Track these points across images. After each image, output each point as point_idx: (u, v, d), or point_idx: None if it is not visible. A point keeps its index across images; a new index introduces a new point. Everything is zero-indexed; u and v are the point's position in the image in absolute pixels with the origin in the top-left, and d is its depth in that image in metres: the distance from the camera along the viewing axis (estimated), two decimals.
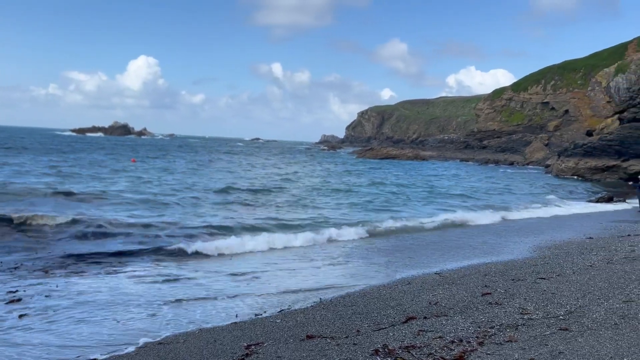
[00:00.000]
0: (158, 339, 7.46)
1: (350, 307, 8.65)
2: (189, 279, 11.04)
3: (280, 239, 15.00)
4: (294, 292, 10.09)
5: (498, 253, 13.97)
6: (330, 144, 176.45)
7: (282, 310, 8.72)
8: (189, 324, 8.15)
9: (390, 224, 18.47)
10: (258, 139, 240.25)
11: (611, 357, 5.30)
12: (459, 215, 21.85)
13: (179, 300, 9.37)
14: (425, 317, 7.66)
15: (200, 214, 19.42)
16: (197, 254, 13.26)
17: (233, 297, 9.70)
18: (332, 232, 16.43)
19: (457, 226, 19.93)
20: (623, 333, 6.09)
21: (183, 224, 17.01)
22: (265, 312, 8.68)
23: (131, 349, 7.08)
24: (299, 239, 15.23)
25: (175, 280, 10.86)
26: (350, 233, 16.54)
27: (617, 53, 76.00)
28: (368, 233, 16.94)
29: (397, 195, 29.70)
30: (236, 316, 8.50)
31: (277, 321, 8.03)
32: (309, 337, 7.04)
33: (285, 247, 14.42)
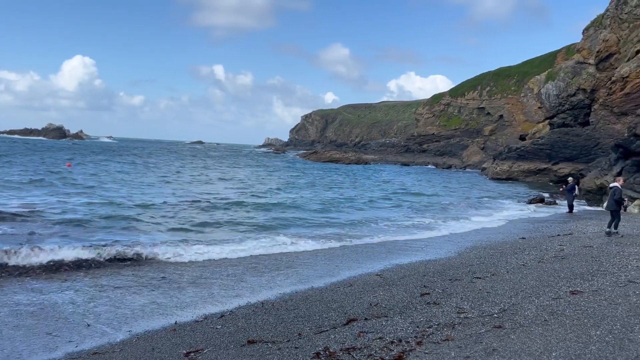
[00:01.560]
0: (92, 348, 7.19)
1: (292, 311, 8.63)
2: (124, 287, 10.70)
3: (227, 248, 14.51)
4: (236, 297, 9.98)
5: (437, 254, 14.32)
6: (274, 147, 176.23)
7: (224, 315, 8.59)
8: (125, 332, 7.90)
9: (340, 232, 18.33)
10: (200, 141, 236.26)
11: (541, 353, 5.53)
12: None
13: (115, 309, 9.07)
14: (366, 319, 7.75)
15: (146, 223, 18.88)
16: (137, 263, 12.76)
17: (173, 304, 9.47)
18: (283, 241, 16.06)
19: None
20: (552, 329, 6.37)
21: (128, 232, 16.46)
22: (206, 318, 8.53)
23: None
24: (247, 248, 14.78)
25: (111, 289, 10.50)
26: (303, 244, 16.04)
27: (547, 61, 79.94)
28: (322, 243, 16.53)
29: (350, 202, 29.80)
30: (175, 323, 8.30)
31: (218, 327, 7.91)
32: (250, 342, 6.97)
33: (234, 257, 13.85)
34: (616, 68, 44.37)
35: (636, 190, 26.91)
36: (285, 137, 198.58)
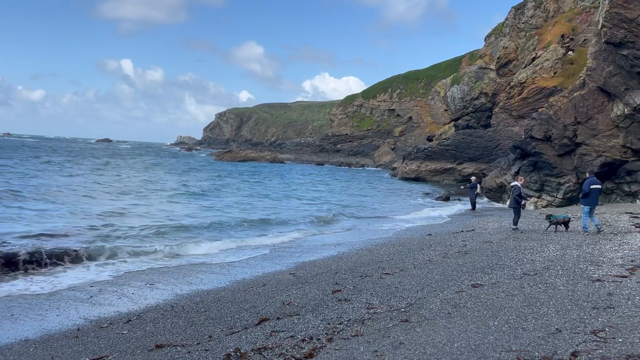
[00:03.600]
0: None
1: (203, 313, 8.46)
2: (22, 297, 10.03)
3: (138, 262, 13.60)
4: (145, 301, 9.63)
5: (349, 251, 14.59)
6: (187, 146, 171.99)
7: (130, 320, 8.26)
8: (22, 341, 7.38)
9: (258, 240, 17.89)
10: (108, 139, 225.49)
11: (444, 344, 5.80)
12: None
13: (10, 317, 8.46)
14: (278, 318, 7.76)
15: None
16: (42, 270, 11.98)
17: (77, 312, 8.98)
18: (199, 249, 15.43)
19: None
20: (455, 321, 6.69)
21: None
22: (111, 323, 8.16)
23: None
24: (156, 257, 13.96)
25: (9, 299, 9.80)
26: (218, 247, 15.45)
27: (453, 65, 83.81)
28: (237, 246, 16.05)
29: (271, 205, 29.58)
30: (78, 329, 7.88)
31: (124, 332, 7.60)
32: (158, 346, 6.76)
33: (144, 269, 12.92)
34: (514, 74, 47.41)
35: (532, 188, 28.88)
36: (198, 135, 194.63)
